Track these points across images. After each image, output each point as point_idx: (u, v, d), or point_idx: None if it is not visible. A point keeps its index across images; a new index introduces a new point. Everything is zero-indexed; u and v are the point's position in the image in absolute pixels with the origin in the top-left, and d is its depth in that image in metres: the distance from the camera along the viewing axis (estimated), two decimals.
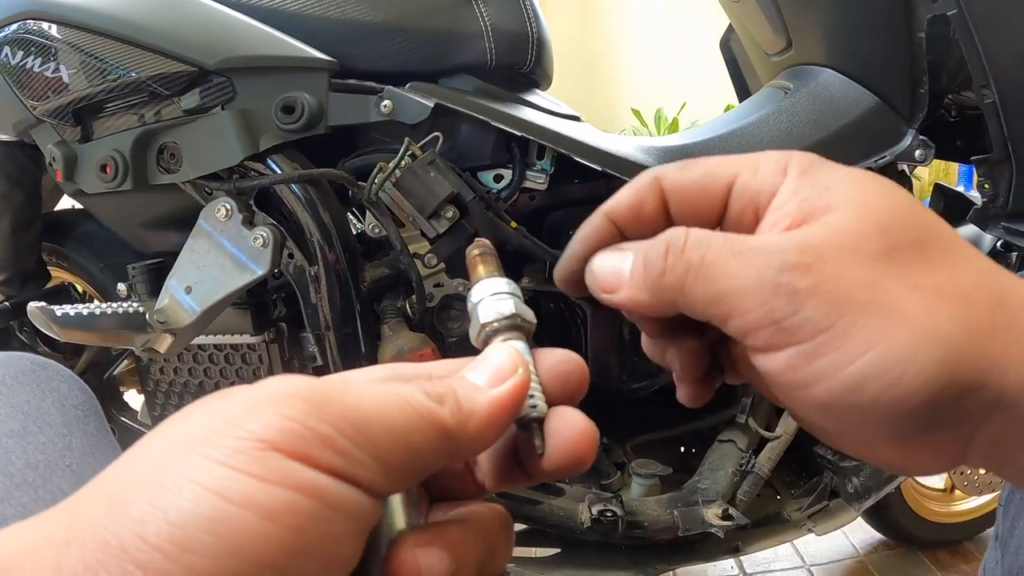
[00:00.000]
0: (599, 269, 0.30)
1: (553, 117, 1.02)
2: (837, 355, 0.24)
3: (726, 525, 1.04)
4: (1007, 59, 0.93)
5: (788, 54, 1.18)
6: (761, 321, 0.25)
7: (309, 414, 0.21)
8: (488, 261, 0.31)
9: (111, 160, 0.96)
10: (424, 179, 0.90)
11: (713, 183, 0.29)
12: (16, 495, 0.40)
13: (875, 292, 0.24)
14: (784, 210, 0.27)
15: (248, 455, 0.19)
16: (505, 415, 0.25)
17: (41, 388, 0.48)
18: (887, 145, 1.02)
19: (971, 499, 1.53)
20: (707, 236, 0.27)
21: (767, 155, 0.29)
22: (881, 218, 0.26)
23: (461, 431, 0.24)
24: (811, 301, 0.24)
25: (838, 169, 0.28)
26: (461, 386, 0.25)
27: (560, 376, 0.28)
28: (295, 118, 0.91)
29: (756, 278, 0.25)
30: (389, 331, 0.95)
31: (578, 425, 0.26)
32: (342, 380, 0.23)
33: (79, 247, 1.31)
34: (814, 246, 0.25)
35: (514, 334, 0.28)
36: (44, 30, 0.95)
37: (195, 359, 1.07)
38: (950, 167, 3.30)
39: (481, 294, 0.29)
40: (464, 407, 0.24)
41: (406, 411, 0.22)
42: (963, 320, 0.24)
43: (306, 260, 0.95)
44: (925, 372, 0.24)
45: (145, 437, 0.22)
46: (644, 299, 0.28)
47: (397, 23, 0.96)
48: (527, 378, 0.26)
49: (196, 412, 0.22)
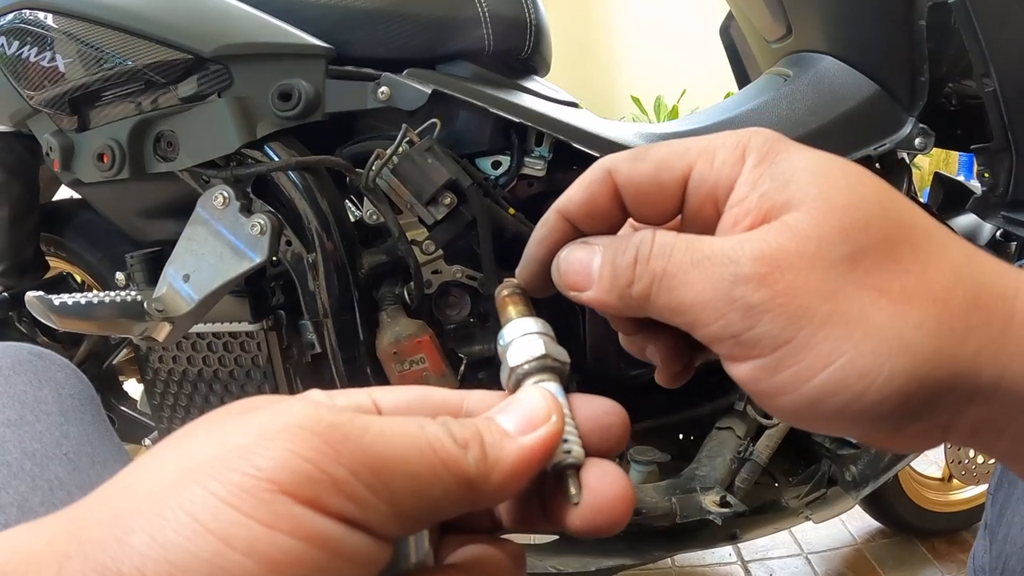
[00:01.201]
0: (567, 266, 0.29)
1: (551, 103, 1.02)
2: (798, 369, 0.24)
3: (724, 512, 1.04)
4: (1008, 48, 0.93)
5: (788, 41, 1.18)
6: (720, 334, 0.25)
7: (325, 455, 0.19)
8: (518, 301, 0.30)
9: (108, 149, 0.95)
10: (422, 166, 0.90)
11: (668, 176, 0.28)
12: (13, 484, 0.40)
13: (837, 302, 0.23)
14: (743, 206, 0.26)
15: (255, 496, 0.18)
16: (533, 466, 0.23)
17: (38, 377, 0.48)
18: (887, 133, 1.01)
19: (968, 488, 1.54)
20: (670, 243, 0.26)
21: (723, 139, 0.27)
22: (846, 217, 0.24)
23: (484, 482, 0.22)
24: (767, 316, 0.23)
25: (800, 155, 0.26)
26: (488, 431, 0.23)
27: (600, 428, 0.26)
28: (292, 105, 0.91)
29: (712, 291, 0.24)
30: (387, 318, 0.95)
31: (620, 483, 0.24)
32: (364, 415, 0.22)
33: (77, 237, 1.31)
34: (770, 254, 0.24)
35: (546, 376, 0.27)
36: (40, 19, 0.95)
37: (194, 347, 1.07)
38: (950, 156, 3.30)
39: (511, 335, 0.28)
40: (489, 456, 0.22)
41: (429, 458, 0.21)
42: (933, 326, 0.23)
43: (304, 247, 0.95)
44: (893, 382, 0.23)
45: (157, 449, 0.22)
46: (613, 303, 0.27)
47: (394, 9, 0.96)
48: (560, 427, 0.24)
49: (208, 430, 0.21)
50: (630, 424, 0.27)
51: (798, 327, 0.23)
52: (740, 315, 0.24)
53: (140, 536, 0.18)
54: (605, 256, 0.27)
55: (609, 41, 4.66)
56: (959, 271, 0.24)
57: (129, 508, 0.19)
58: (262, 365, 1.03)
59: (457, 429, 0.22)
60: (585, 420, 0.26)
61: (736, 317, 0.24)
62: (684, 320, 0.25)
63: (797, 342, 0.23)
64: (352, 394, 0.26)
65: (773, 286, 0.23)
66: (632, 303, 0.27)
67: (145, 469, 0.21)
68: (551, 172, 1.00)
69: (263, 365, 1.03)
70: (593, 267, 0.28)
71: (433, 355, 0.95)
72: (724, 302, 0.24)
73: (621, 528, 0.24)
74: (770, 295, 0.23)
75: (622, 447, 0.27)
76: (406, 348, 0.94)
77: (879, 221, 0.24)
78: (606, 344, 1.06)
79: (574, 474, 0.25)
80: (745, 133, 0.27)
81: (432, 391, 0.27)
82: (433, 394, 0.27)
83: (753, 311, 0.24)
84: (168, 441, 0.22)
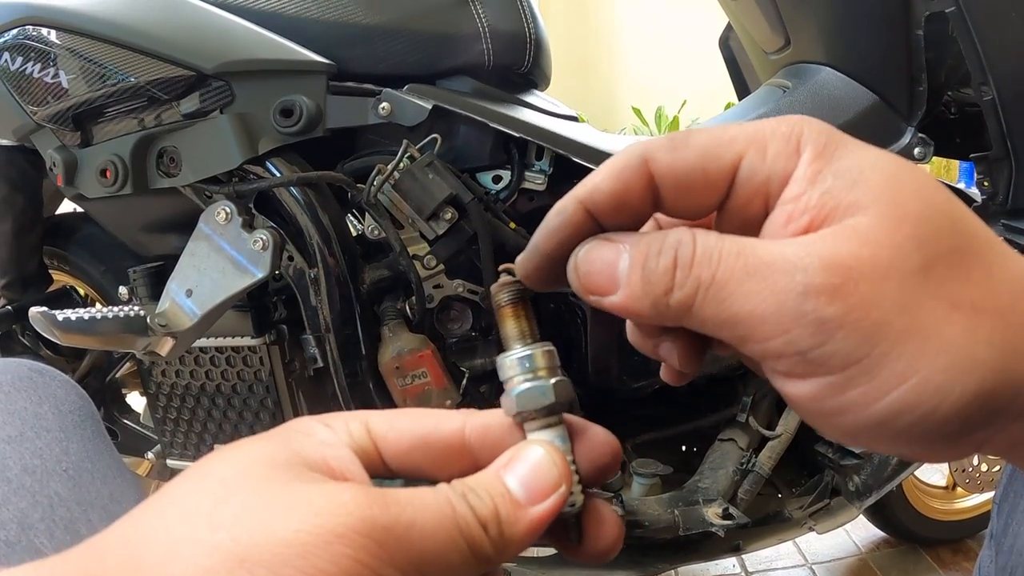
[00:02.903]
0: (587, 267, 0.26)
1: (551, 118, 1.02)
2: (869, 388, 0.22)
3: (727, 524, 1.04)
4: (1005, 56, 0.93)
5: (786, 52, 1.18)
6: (783, 350, 0.23)
7: (381, 560, 0.21)
8: (519, 313, 0.28)
9: (111, 165, 0.96)
10: (422, 181, 0.90)
11: (714, 167, 0.25)
12: (13, 500, 0.40)
13: (912, 316, 0.22)
14: (800, 204, 0.24)
15: None
16: (542, 530, 0.25)
17: (38, 394, 0.48)
18: (886, 143, 1.01)
19: (973, 496, 1.53)
20: (716, 245, 0.24)
21: (774, 128, 0.25)
22: (919, 226, 0.22)
23: (499, 557, 0.24)
24: (841, 332, 0.22)
25: (863, 152, 0.24)
26: (504, 505, 0.24)
27: (596, 467, 0.28)
28: (294, 121, 0.92)
29: (775, 304, 0.22)
30: (389, 333, 0.96)
31: (613, 526, 0.27)
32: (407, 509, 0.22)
33: (80, 251, 1.31)
34: (842, 262, 0.22)
35: (552, 419, 0.27)
36: (43, 36, 0.95)
37: (196, 361, 1.07)
38: (951, 164, 3.30)
39: (513, 370, 0.27)
40: (505, 533, 0.24)
41: (459, 544, 0.23)
42: (999, 342, 0.22)
43: (306, 262, 0.96)
44: (963, 400, 0.22)
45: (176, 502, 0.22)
46: (644, 311, 0.25)
47: (394, 25, 0.96)
48: (568, 492, 0.26)
49: (245, 501, 0.21)
50: (621, 451, 0.28)
51: (873, 344, 0.22)
52: (810, 331, 0.22)
53: None
54: (634, 257, 0.25)
55: (609, 52, 4.67)
56: (1018, 284, 0.23)
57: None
58: (264, 379, 1.04)
59: (477, 505, 0.24)
60: (583, 458, 0.27)
61: (805, 333, 0.22)
62: (734, 334, 0.23)
63: (871, 359, 0.22)
64: (351, 427, 0.26)
65: (847, 299, 0.22)
66: (668, 312, 0.24)
67: (172, 532, 0.21)
68: (552, 186, 1.01)
69: (265, 379, 1.04)
70: (619, 269, 0.25)
71: (435, 369, 0.95)
72: (791, 316, 0.22)
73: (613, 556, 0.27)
74: (845, 309, 0.22)
75: (614, 474, 0.29)
76: (408, 362, 0.94)
77: (948, 230, 0.23)
78: (608, 357, 1.06)
79: (574, 522, 0.27)
80: (796, 121, 0.25)
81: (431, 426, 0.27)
82: (432, 433, 0.27)
83: (825, 326, 0.22)
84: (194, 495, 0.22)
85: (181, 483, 0.23)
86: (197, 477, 0.23)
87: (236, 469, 0.23)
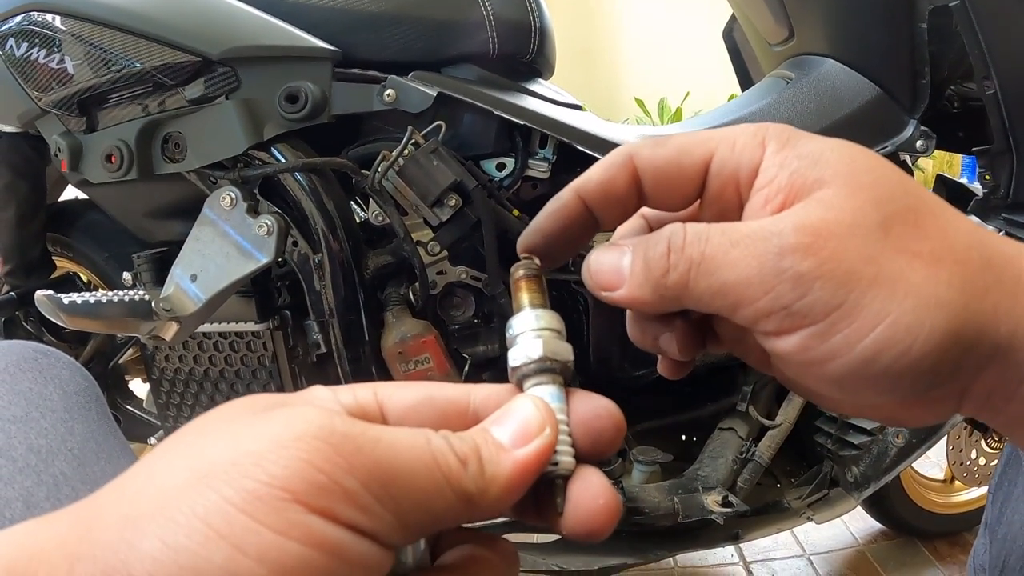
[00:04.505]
0: (597, 266, 0.29)
1: (555, 106, 1.02)
2: (850, 331, 0.24)
3: (726, 512, 1.04)
4: (1008, 50, 0.93)
5: (790, 44, 1.18)
6: (770, 308, 0.25)
7: (338, 465, 0.20)
8: (533, 287, 0.29)
9: (116, 150, 0.96)
10: (427, 167, 0.91)
11: (688, 160, 0.28)
12: (19, 479, 0.40)
13: (879, 264, 0.24)
14: (773, 186, 0.27)
15: (268, 504, 0.19)
16: (528, 478, 0.24)
17: (43, 375, 0.49)
18: (888, 135, 1.02)
19: (970, 490, 1.54)
20: (703, 229, 0.27)
21: (742, 128, 0.28)
22: (874, 190, 0.26)
23: (482, 497, 0.23)
24: (817, 282, 0.24)
25: (820, 140, 0.27)
26: (486, 446, 0.24)
27: (593, 432, 0.26)
28: (299, 107, 0.92)
29: (757, 266, 0.25)
30: (392, 318, 0.96)
31: (602, 496, 0.25)
32: (374, 427, 0.22)
33: (83, 237, 1.32)
34: (811, 224, 0.25)
35: (545, 377, 0.27)
36: (48, 21, 0.96)
37: (200, 347, 1.08)
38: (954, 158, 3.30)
39: (518, 329, 0.28)
40: (487, 472, 0.23)
41: (433, 473, 0.22)
42: (959, 283, 0.25)
43: (310, 248, 0.96)
44: (933, 338, 0.24)
45: (166, 448, 0.22)
46: (647, 297, 0.27)
47: (400, 12, 0.97)
48: (553, 439, 0.25)
49: (218, 431, 0.22)
50: (625, 425, 0.27)
51: (848, 290, 0.24)
52: (790, 285, 0.25)
53: (151, 540, 0.18)
54: (636, 252, 0.28)
55: (612, 43, 4.66)
56: (971, 235, 0.26)
57: (140, 510, 0.19)
58: (268, 365, 1.04)
59: (457, 444, 0.23)
60: (580, 423, 0.26)
61: (786, 288, 0.25)
62: (726, 302, 0.26)
63: (848, 305, 0.24)
64: (357, 391, 0.26)
65: (819, 253, 0.24)
66: (668, 293, 0.27)
67: (155, 470, 0.21)
68: (555, 174, 1.01)
69: (269, 365, 1.04)
70: (624, 264, 0.28)
71: (438, 355, 0.96)
72: (772, 275, 0.25)
73: (604, 536, 0.25)
74: (818, 262, 0.24)
75: (615, 448, 0.27)
76: (411, 348, 0.94)
77: (901, 193, 0.26)
78: (610, 345, 1.07)
79: (561, 484, 0.25)
80: (761, 124, 0.28)
81: (437, 388, 0.27)
82: (438, 392, 0.27)
83: (803, 279, 0.24)
84: (177, 439, 0.22)
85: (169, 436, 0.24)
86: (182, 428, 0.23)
87: (214, 412, 0.23)
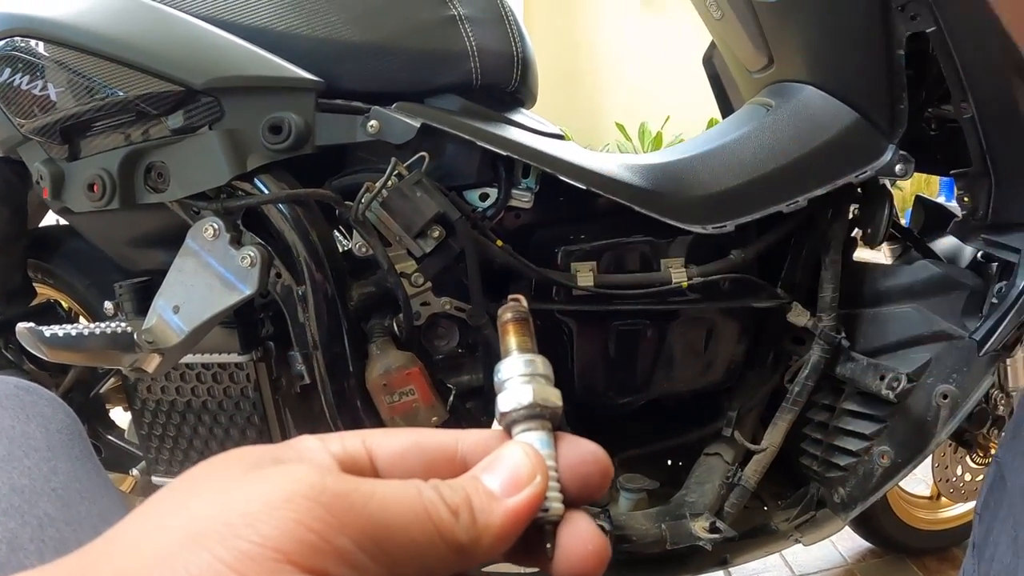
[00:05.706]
0: None
1: (538, 136, 1.03)
2: None
3: (714, 538, 1.04)
4: (984, 75, 0.95)
5: (769, 71, 1.20)
6: None
7: (330, 525, 0.20)
8: (520, 330, 0.30)
9: (98, 179, 0.96)
10: (411, 199, 0.91)
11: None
12: (2, 520, 0.40)
13: None
14: None
15: (261, 564, 0.19)
16: (519, 526, 0.24)
17: (25, 412, 0.48)
18: (868, 160, 1.03)
19: (957, 506, 1.55)
20: None
21: None
22: None
23: (474, 547, 0.23)
24: None
25: None
26: (477, 495, 0.24)
27: (581, 477, 0.27)
28: (282, 138, 0.92)
29: None
30: (376, 350, 0.96)
31: (591, 542, 0.25)
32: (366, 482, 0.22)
33: (65, 264, 1.30)
34: None
35: (535, 423, 0.27)
36: (32, 48, 0.95)
37: (183, 378, 1.07)
38: (931, 178, 3.34)
39: (506, 374, 0.28)
40: (479, 522, 0.23)
41: (426, 526, 0.22)
42: None
43: (293, 279, 0.96)
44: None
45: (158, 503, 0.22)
46: None
47: (383, 43, 0.97)
48: (544, 487, 0.25)
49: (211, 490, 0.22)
50: (612, 470, 0.28)
51: None
52: None
53: None
54: None
55: (594, 68, 4.71)
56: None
57: (134, 569, 0.19)
58: (251, 396, 1.03)
59: (448, 494, 0.23)
60: (567, 468, 0.27)
61: None
62: None
63: None
64: (346, 440, 0.26)
65: None
66: None
67: (147, 527, 0.21)
68: (538, 204, 1.01)
69: (252, 396, 1.03)
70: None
71: (423, 386, 0.95)
72: None
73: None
74: None
75: (603, 493, 0.28)
76: (396, 380, 0.94)
77: None
78: (594, 373, 1.07)
79: (551, 530, 0.26)
80: None
81: (425, 435, 0.27)
82: (426, 439, 0.27)
83: None
84: (168, 494, 0.22)
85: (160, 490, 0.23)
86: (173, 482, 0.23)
87: (205, 467, 0.23)
